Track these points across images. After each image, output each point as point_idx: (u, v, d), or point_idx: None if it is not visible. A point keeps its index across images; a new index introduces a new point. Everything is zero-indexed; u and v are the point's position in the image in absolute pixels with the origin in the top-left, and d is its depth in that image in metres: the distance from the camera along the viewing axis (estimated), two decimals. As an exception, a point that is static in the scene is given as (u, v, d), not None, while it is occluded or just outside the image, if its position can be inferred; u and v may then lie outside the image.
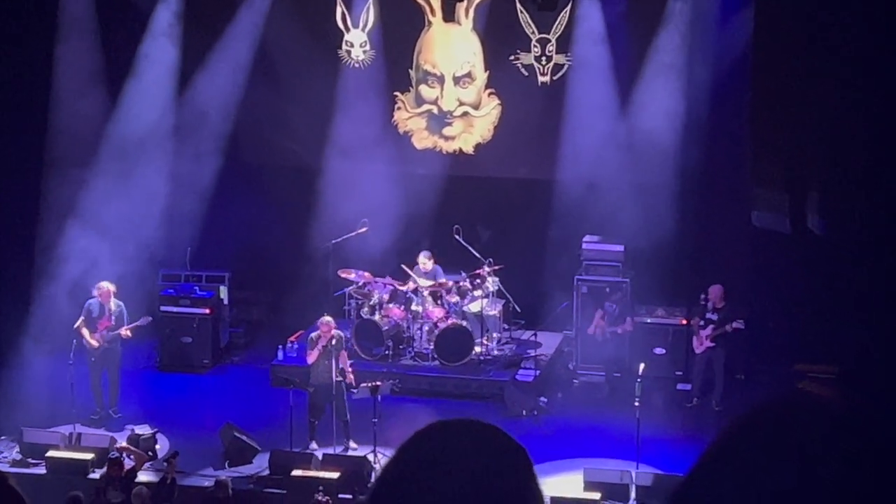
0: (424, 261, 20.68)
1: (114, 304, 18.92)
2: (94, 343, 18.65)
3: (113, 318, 18.81)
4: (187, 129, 21.90)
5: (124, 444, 17.14)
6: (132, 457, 16.57)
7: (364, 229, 21.03)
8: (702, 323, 19.56)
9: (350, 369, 18.13)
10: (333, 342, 17.97)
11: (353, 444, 17.83)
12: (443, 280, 20.60)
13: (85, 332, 18.66)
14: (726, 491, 1.78)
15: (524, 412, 19.04)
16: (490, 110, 22.13)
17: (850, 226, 18.84)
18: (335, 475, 16.58)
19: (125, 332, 18.79)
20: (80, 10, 21.64)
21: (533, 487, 2.10)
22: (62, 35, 21.62)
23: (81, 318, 18.79)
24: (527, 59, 21.70)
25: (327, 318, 18.23)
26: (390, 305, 20.62)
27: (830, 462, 1.74)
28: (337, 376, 17.84)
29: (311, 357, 18.06)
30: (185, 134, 21.91)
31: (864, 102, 18.05)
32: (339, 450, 17.67)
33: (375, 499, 2.08)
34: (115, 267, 20.37)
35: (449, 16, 21.85)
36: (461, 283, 20.63)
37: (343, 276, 20.73)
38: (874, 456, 1.75)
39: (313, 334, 18.30)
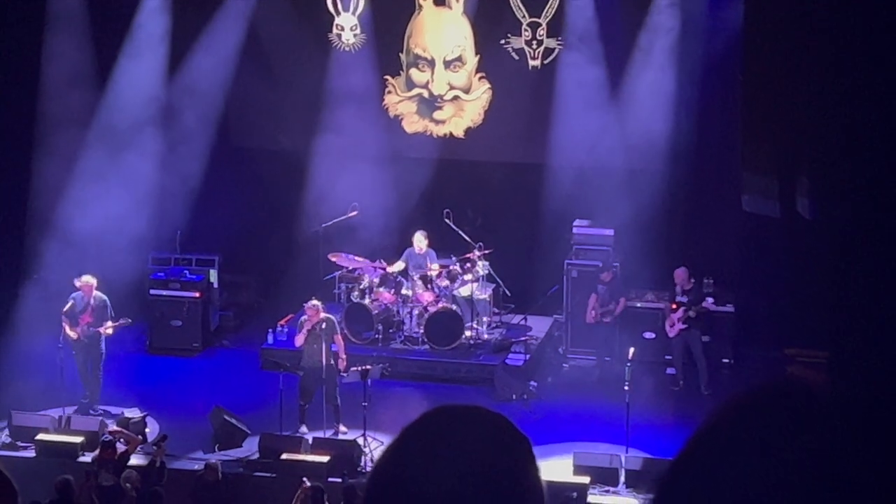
0: (420, 238, 20.66)
1: (96, 297, 18.61)
2: (74, 336, 18.42)
3: (94, 313, 18.62)
4: (177, 113, 21.87)
5: (116, 427, 17.12)
6: (123, 440, 16.56)
7: (354, 213, 21.03)
8: (673, 307, 19.63)
9: (343, 355, 18.08)
10: (323, 326, 17.95)
11: (342, 429, 17.83)
12: (434, 267, 20.60)
13: (66, 324, 18.42)
14: (713, 476, 1.78)
15: (514, 396, 19.06)
16: (480, 94, 22.13)
17: (840, 210, 18.86)
18: (325, 459, 16.59)
19: (105, 330, 18.60)
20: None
21: (534, 477, 2.09)
22: (51, 18, 21.61)
23: (68, 304, 18.56)
24: (517, 43, 21.69)
25: (314, 302, 18.20)
26: (380, 289, 20.61)
27: (819, 448, 1.74)
28: (328, 360, 17.83)
29: (299, 340, 18.06)
30: (175, 117, 21.88)
31: (853, 87, 18.07)
32: (328, 434, 17.67)
33: (376, 479, 2.08)
34: (105, 249, 20.38)
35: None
36: (451, 268, 20.63)
37: (333, 259, 20.74)
38: (864, 442, 1.75)
39: (302, 318, 18.30)
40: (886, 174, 17.43)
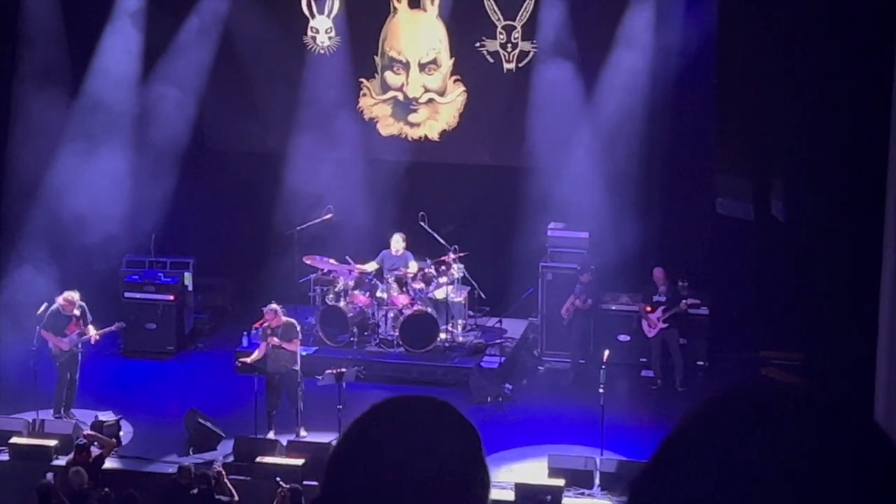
0: (398, 239, 20.66)
1: (76, 307, 18.57)
2: (65, 347, 18.32)
3: (80, 322, 18.45)
4: (151, 115, 21.81)
5: (91, 431, 17.05)
6: (97, 444, 16.51)
7: (329, 216, 21.00)
8: (648, 308, 19.72)
9: (276, 343, 18.01)
10: (279, 332, 17.92)
11: (302, 432, 17.76)
12: (407, 270, 20.59)
13: (50, 336, 18.26)
14: (688, 478, 1.78)
15: (489, 399, 19.06)
16: (455, 97, 22.13)
17: (813, 213, 18.93)
18: (300, 462, 16.57)
19: (95, 336, 18.55)
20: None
21: (481, 462, 2.19)
22: (25, 18, 21.52)
23: (42, 309, 18.45)
24: (492, 45, 21.70)
25: (273, 306, 18.16)
26: (355, 292, 20.60)
27: (793, 450, 1.74)
28: (293, 365, 17.84)
29: (261, 351, 18.05)
30: (150, 120, 21.82)
31: (826, 91, 18.14)
32: (291, 437, 17.59)
33: (333, 467, 2.15)
34: (79, 252, 20.33)
35: (414, 2, 21.83)
36: (426, 270, 20.63)
37: (308, 262, 20.72)
38: (837, 443, 1.76)
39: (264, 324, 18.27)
40: (859, 177, 17.50)
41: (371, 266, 20.58)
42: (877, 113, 16.56)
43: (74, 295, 18.47)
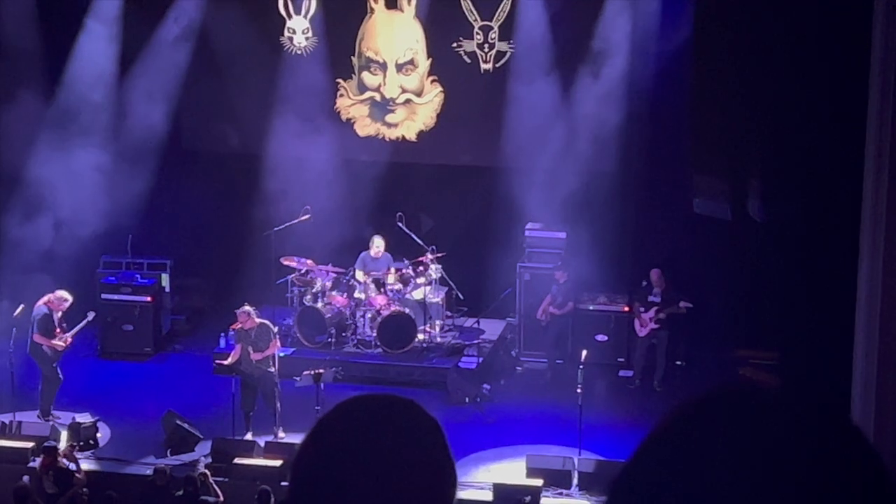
0: (378, 242, 20.65)
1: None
2: (62, 344, 18.36)
3: (64, 321, 18.53)
4: (128, 115, 21.74)
5: (72, 452, 16.64)
6: (74, 464, 16.27)
7: (307, 216, 20.97)
8: (642, 308, 19.77)
9: (236, 357, 18.06)
10: (253, 334, 17.91)
11: (280, 433, 17.76)
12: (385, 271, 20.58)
13: (45, 340, 18.19)
14: (667, 478, 1.78)
15: (467, 399, 19.06)
16: (433, 97, 22.12)
17: (790, 212, 18.97)
18: (278, 463, 16.55)
19: (73, 333, 18.58)
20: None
21: (446, 458, 2.22)
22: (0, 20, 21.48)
23: (21, 311, 18.44)
24: (469, 46, 21.70)
25: (246, 308, 18.13)
26: (333, 293, 20.59)
27: (770, 449, 1.75)
28: (269, 367, 17.82)
29: (235, 354, 18.06)
30: (126, 120, 21.75)
31: (803, 90, 18.18)
32: (269, 438, 17.58)
33: (298, 467, 2.17)
34: (55, 253, 20.26)
35: (391, 3, 21.81)
36: (404, 271, 20.63)
37: (286, 263, 20.70)
38: (813, 442, 1.77)
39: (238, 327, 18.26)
40: (835, 177, 17.55)
41: (359, 275, 20.54)
42: (852, 113, 16.60)
43: (69, 295, 18.49)
